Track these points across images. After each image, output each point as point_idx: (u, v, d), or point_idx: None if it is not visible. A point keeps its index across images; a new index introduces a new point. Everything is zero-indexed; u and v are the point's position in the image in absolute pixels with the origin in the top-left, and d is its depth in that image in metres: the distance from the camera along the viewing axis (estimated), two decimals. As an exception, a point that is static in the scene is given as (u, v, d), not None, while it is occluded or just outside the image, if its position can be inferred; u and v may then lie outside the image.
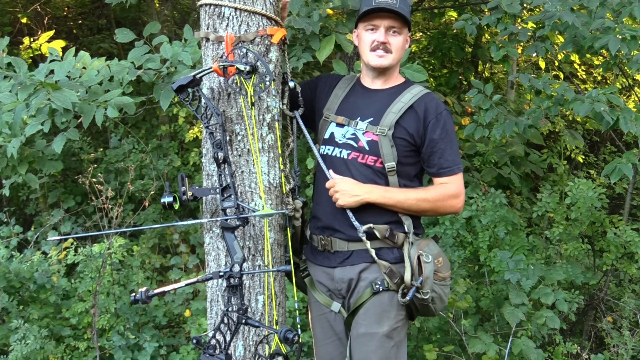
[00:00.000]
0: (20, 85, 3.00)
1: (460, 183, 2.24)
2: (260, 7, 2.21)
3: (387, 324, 2.18)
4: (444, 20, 6.66)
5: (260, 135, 2.22)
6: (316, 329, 2.39)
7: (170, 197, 2.05)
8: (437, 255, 2.21)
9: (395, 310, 2.20)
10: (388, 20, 2.21)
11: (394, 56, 2.25)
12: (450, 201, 2.22)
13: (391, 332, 2.18)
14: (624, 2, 3.43)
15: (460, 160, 2.25)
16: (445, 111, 2.23)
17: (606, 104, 3.35)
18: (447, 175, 2.22)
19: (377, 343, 2.18)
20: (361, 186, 2.19)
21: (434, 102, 2.23)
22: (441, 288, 2.20)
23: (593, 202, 3.97)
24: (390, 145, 2.19)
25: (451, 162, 2.22)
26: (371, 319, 2.20)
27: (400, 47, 2.26)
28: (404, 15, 2.20)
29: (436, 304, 2.20)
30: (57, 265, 3.97)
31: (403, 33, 2.26)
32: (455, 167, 2.22)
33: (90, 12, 7.27)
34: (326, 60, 3.43)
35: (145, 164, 4.93)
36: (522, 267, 3.68)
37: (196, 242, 4.58)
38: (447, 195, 2.21)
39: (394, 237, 2.20)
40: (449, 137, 2.21)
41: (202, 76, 2.11)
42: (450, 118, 2.24)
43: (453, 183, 2.22)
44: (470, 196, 4.13)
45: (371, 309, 2.21)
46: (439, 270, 2.19)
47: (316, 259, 2.35)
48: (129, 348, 3.75)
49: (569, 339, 4.35)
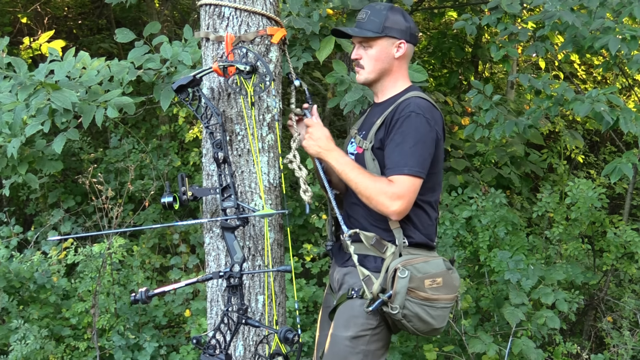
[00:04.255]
0: (20, 86, 3.00)
1: (406, 187, 2.07)
2: (260, 7, 2.21)
3: (352, 330, 2.14)
4: (444, 20, 6.66)
5: (260, 135, 2.22)
6: (321, 320, 2.43)
7: (170, 197, 2.05)
8: (432, 275, 2.11)
9: (364, 317, 2.14)
10: (358, 37, 2.25)
11: (367, 69, 2.24)
12: (383, 199, 2.07)
13: (356, 338, 2.13)
14: (624, 2, 3.43)
15: (415, 164, 2.08)
16: (413, 113, 2.11)
17: (606, 104, 3.35)
18: (391, 174, 2.09)
19: (340, 346, 2.15)
20: (328, 143, 2.21)
21: (403, 106, 2.16)
22: (423, 309, 2.09)
23: (593, 202, 3.97)
24: (372, 159, 2.18)
25: (397, 162, 2.09)
26: (339, 322, 2.18)
27: (374, 58, 2.23)
28: (358, 35, 2.22)
29: (413, 322, 2.10)
30: (57, 265, 3.97)
31: (376, 44, 2.22)
32: (400, 167, 2.08)
33: (90, 12, 7.28)
34: (326, 60, 3.43)
35: (145, 164, 4.93)
36: (522, 267, 3.68)
37: (196, 242, 4.58)
38: (382, 192, 2.07)
39: (382, 247, 2.15)
40: (403, 137, 2.11)
41: (202, 76, 2.11)
42: (416, 120, 2.11)
43: (397, 183, 2.08)
44: (470, 196, 4.13)
45: (342, 311, 2.20)
46: (425, 289, 2.09)
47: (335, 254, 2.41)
48: (129, 348, 3.75)
49: (569, 339, 4.35)
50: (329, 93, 4.76)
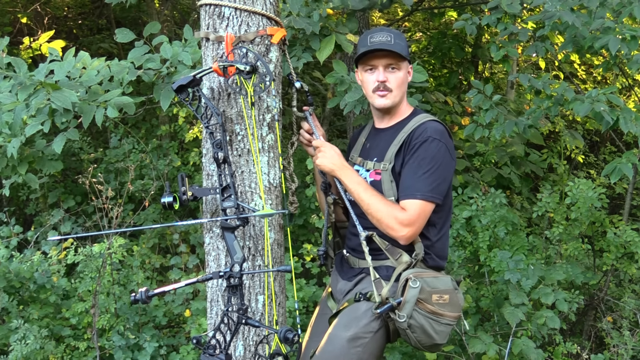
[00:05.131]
0: (20, 86, 3.00)
1: (416, 212, 2.10)
2: (260, 7, 2.21)
3: (352, 330, 2.14)
4: (444, 20, 6.65)
5: (260, 135, 2.22)
6: (314, 325, 2.43)
7: (170, 197, 2.05)
8: (442, 291, 2.13)
9: (366, 320, 2.15)
10: (385, 59, 2.22)
11: (394, 93, 2.25)
12: (393, 223, 2.11)
13: (354, 339, 2.13)
14: (624, 2, 3.43)
15: (428, 189, 2.11)
16: (430, 137, 2.14)
17: (606, 104, 3.35)
18: (403, 198, 2.13)
19: (336, 345, 2.15)
20: (341, 161, 2.25)
21: (420, 130, 2.18)
22: (428, 321, 2.11)
23: (593, 202, 3.97)
24: (390, 180, 2.19)
25: (409, 186, 2.12)
26: (341, 322, 2.19)
27: (401, 82, 2.26)
28: (400, 53, 2.20)
29: (417, 334, 2.12)
30: (57, 265, 3.97)
31: (402, 67, 2.25)
32: (413, 192, 2.11)
33: (90, 12, 7.28)
34: (326, 60, 3.43)
35: (145, 164, 4.93)
36: (522, 267, 3.68)
37: (196, 242, 4.58)
38: (393, 216, 2.11)
39: (396, 254, 2.18)
40: (419, 162, 2.13)
41: (202, 76, 2.11)
42: (433, 145, 2.14)
43: (408, 210, 2.11)
44: (470, 196, 4.13)
45: (346, 313, 2.21)
46: (432, 303, 2.11)
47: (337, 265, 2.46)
48: (129, 348, 3.75)
49: (569, 339, 4.35)
50: (329, 93, 4.76)
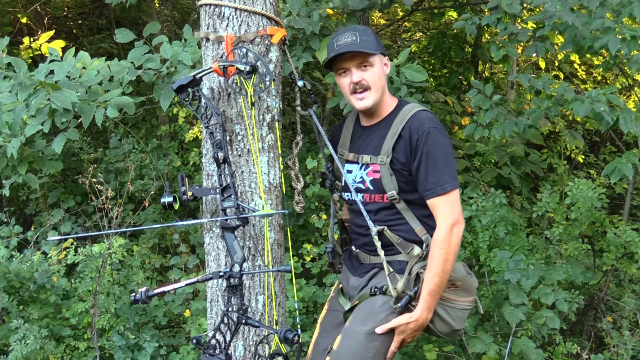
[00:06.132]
0: (20, 86, 3.01)
1: (450, 204, 2.14)
2: (260, 7, 2.21)
3: (371, 324, 2.16)
4: (444, 20, 6.65)
5: (260, 135, 2.22)
6: (324, 321, 2.43)
7: (170, 197, 2.05)
8: (455, 279, 2.20)
9: (384, 314, 2.17)
10: (355, 60, 2.21)
11: (373, 90, 2.23)
12: (448, 237, 2.12)
13: (373, 333, 2.15)
14: (624, 2, 3.43)
15: (449, 178, 2.14)
16: (430, 128, 2.16)
17: (606, 104, 3.35)
18: (431, 197, 2.15)
19: (354, 340, 2.16)
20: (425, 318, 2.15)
21: (417, 123, 2.19)
22: (444, 308, 2.20)
23: (593, 202, 3.97)
24: (390, 174, 2.20)
25: (434, 182, 2.14)
26: (358, 317, 2.21)
27: (377, 78, 2.24)
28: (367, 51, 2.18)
29: (435, 323, 2.20)
30: (57, 265, 3.97)
31: (375, 62, 2.23)
32: (443, 186, 2.14)
33: (90, 12, 7.27)
34: (326, 60, 3.43)
35: (145, 164, 4.93)
36: (522, 267, 3.68)
37: (196, 242, 4.57)
38: (442, 242, 2.12)
39: (408, 247, 2.21)
40: (431, 156, 2.14)
41: (202, 76, 2.11)
42: (437, 134, 2.17)
43: (444, 207, 2.14)
44: (470, 196, 4.13)
45: (363, 307, 2.23)
46: (446, 291, 2.18)
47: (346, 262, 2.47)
48: (129, 348, 3.75)
49: (569, 339, 4.35)
50: (329, 93, 4.76)
